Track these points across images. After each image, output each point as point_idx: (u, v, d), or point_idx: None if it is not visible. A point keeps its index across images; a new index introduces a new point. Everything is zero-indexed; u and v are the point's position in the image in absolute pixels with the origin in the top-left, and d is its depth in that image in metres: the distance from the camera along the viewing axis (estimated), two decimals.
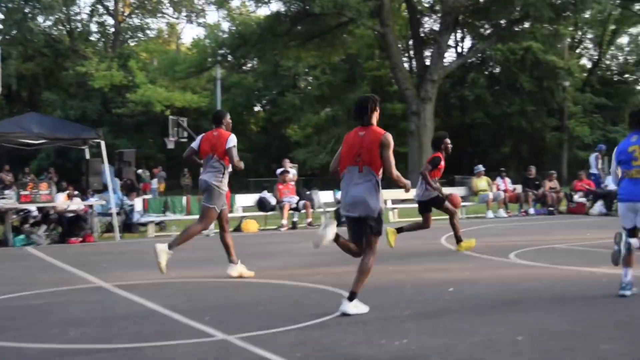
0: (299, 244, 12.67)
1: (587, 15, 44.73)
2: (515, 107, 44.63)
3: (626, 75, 55.26)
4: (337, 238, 6.22)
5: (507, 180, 21.21)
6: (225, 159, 8.53)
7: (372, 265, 6.23)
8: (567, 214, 20.31)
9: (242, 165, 8.41)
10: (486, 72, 47.81)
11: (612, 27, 51.18)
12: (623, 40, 55.83)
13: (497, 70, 47.96)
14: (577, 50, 54.71)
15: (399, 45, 39.37)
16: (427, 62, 35.52)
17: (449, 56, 46.03)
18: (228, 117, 8.93)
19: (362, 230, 6.31)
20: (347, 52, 42.05)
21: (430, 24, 42.98)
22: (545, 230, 15.00)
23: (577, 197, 20.70)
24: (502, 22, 34.45)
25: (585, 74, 51.73)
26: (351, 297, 6.14)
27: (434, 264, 9.59)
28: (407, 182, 6.53)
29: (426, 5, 40.85)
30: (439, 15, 37.33)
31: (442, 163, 11.26)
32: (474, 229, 15.72)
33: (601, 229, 14.95)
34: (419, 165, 30.91)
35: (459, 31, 44.71)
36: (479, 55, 44.24)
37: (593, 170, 20.89)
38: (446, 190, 12.17)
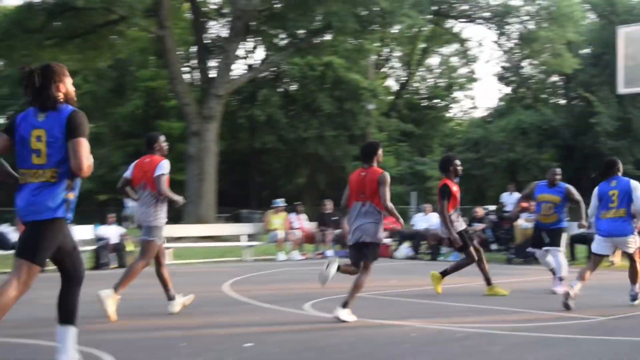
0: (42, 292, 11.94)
1: (395, 30, 46.99)
2: (312, 131, 45.62)
3: (436, 100, 58.61)
4: (338, 268, 9.02)
5: (303, 216, 21.54)
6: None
7: (365, 283, 9.08)
8: None
9: (175, 197, 9.29)
10: (280, 90, 48.71)
11: (422, 45, 54.20)
12: (433, 60, 59.35)
13: (294, 87, 49.05)
14: (384, 70, 57.35)
15: (180, 53, 39.19)
16: (212, 74, 35.56)
17: (238, 68, 46.57)
18: (162, 140, 9.47)
19: (361, 255, 9.07)
20: (116, 57, 41.19)
21: (217, 29, 43.29)
22: (345, 275, 15.26)
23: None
24: (301, 32, 35.30)
25: (391, 97, 54.26)
26: (344, 305, 8.86)
27: (214, 317, 9.41)
28: (399, 217, 9.25)
29: (213, 7, 41.01)
30: (228, 19, 37.62)
31: (455, 188, 11.51)
32: (262, 273, 15.75)
33: (408, 274, 15.55)
34: (200, 194, 30.72)
35: (250, 40, 45.31)
36: (273, 69, 45.05)
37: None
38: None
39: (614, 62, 16.44)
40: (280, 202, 21.23)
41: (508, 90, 62.13)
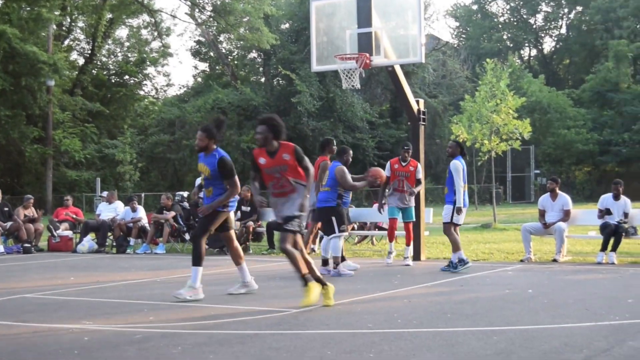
0: None
1: None
2: None
3: (126, 77, 57.88)
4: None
5: None
6: None
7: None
8: (50, 251, 20.25)
9: None
10: None
11: (109, 15, 53.22)
12: (122, 32, 58.52)
13: None
14: (67, 42, 55.66)
15: None
16: None
17: None
18: None
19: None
20: None
21: None
22: (16, 274, 14.65)
23: (62, 230, 20.75)
24: None
25: (76, 73, 52.85)
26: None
27: None
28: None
29: None
30: None
31: (287, 156, 10.45)
32: None
33: (91, 270, 15.15)
34: None
35: None
36: None
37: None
38: None
39: None
40: None
41: (204, 66, 62.82)
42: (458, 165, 13.52)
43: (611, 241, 14.75)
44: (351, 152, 14.03)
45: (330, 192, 13.38)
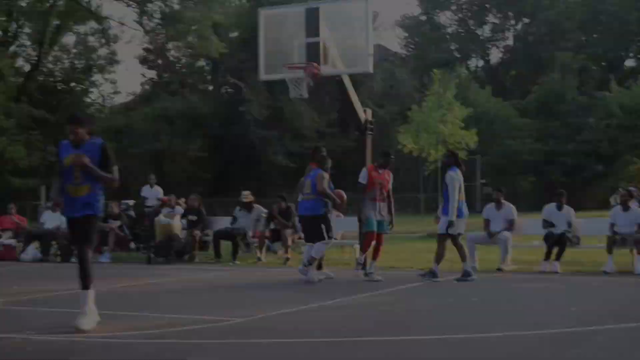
0: None
1: (24, 3, 45.17)
2: None
3: (72, 84, 57.27)
4: None
5: None
6: None
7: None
8: None
9: None
10: None
11: (56, 22, 52.63)
12: (69, 39, 57.86)
13: None
14: (12, 48, 54.97)
15: None
16: None
17: None
18: None
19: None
20: None
21: None
22: None
23: (5, 239, 20.47)
24: None
25: (21, 79, 52.18)
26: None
27: None
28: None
29: None
30: None
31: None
32: None
33: (35, 280, 14.95)
34: None
35: None
36: None
37: None
38: None
39: None
40: None
41: (152, 74, 62.40)
42: (454, 177, 13.38)
43: (555, 250, 14.95)
44: (330, 160, 14.07)
45: (315, 201, 13.39)
